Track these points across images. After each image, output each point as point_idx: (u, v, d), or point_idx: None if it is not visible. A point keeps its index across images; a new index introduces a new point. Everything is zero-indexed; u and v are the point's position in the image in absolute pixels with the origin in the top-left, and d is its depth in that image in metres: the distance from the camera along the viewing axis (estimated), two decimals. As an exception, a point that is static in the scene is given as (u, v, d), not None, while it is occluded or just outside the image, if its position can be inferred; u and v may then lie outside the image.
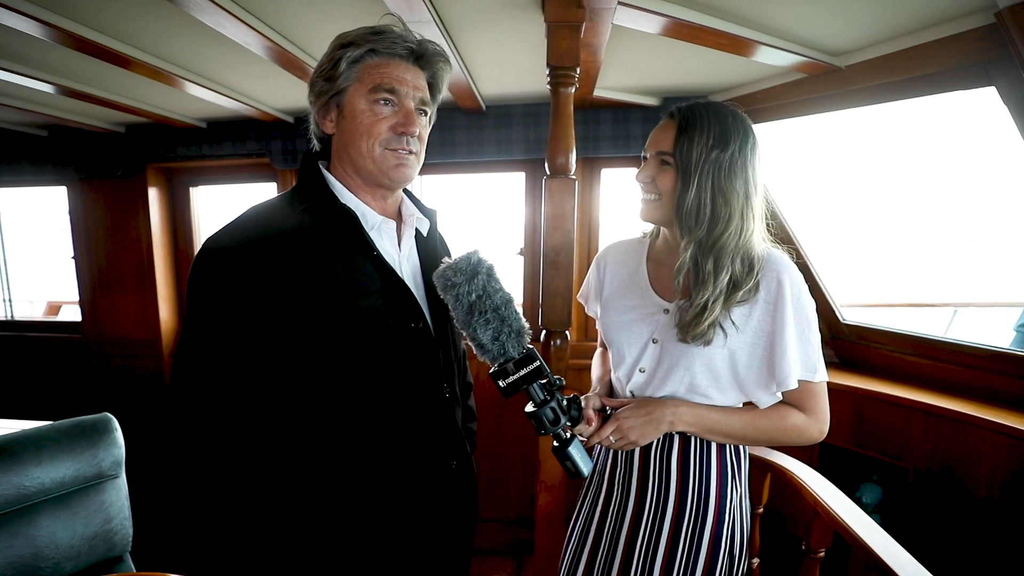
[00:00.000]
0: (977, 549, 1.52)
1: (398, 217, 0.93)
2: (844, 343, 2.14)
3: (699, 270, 0.90)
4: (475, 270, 0.78)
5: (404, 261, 0.91)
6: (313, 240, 0.80)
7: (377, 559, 0.85)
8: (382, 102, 0.81)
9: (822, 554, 1.16)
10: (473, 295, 0.78)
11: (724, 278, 0.88)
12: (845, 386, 1.89)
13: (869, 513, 1.82)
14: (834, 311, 2.13)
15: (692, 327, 0.89)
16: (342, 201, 0.84)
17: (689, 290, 0.93)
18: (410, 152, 0.85)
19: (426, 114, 0.88)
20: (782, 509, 1.94)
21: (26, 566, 1.25)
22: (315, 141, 0.90)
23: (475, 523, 1.04)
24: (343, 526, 0.83)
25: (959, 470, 1.59)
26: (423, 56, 0.85)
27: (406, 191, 0.97)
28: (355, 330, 0.80)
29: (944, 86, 1.50)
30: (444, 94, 0.92)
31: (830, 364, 2.14)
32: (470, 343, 0.83)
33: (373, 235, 0.86)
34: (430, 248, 0.96)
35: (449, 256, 1.03)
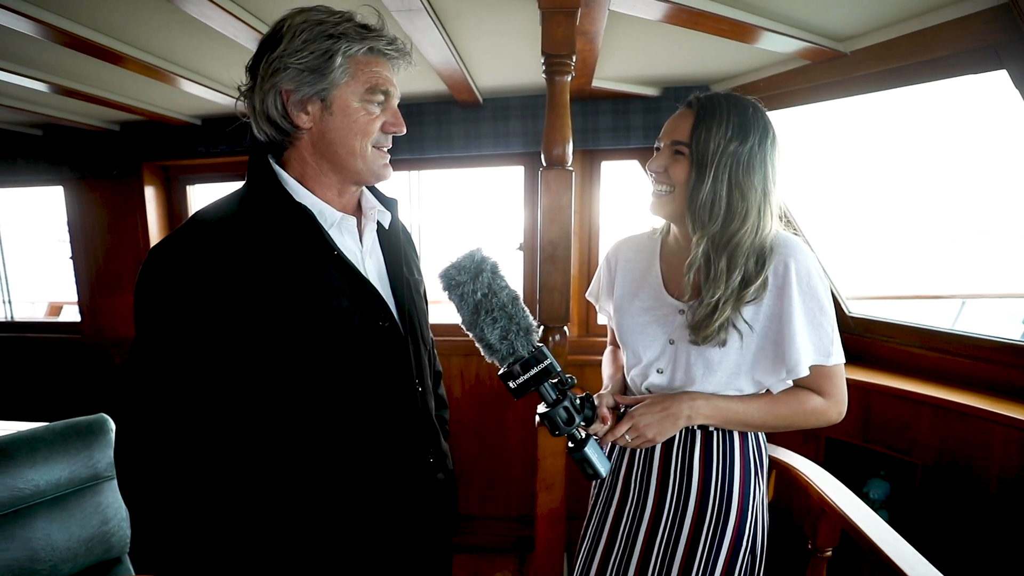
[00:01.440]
0: (989, 546, 1.49)
1: (357, 211, 0.90)
2: (850, 336, 2.11)
3: (711, 267, 0.87)
4: (479, 268, 0.76)
5: (367, 257, 0.88)
6: (267, 240, 0.76)
7: (356, 556, 0.84)
8: (375, 103, 0.80)
9: (829, 553, 1.13)
10: (479, 293, 0.76)
11: (736, 277, 0.86)
12: (851, 380, 1.84)
13: (876, 509, 1.79)
14: (840, 304, 2.10)
15: (703, 328, 0.87)
16: (297, 199, 0.80)
17: (699, 287, 0.90)
18: (389, 150, 0.84)
19: None
20: (787, 502, 1.91)
21: (22, 569, 1.24)
22: (264, 131, 0.80)
23: (456, 514, 1.03)
24: (320, 526, 0.81)
25: (969, 465, 1.56)
26: (401, 56, 0.83)
27: None
28: (321, 332, 0.77)
29: (953, 70, 1.45)
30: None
31: (836, 357, 2.12)
32: (477, 344, 0.80)
33: (333, 233, 0.82)
34: (392, 240, 0.92)
35: (413, 247, 1.02)
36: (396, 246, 0.92)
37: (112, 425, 1.44)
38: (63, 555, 1.31)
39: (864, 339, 2.06)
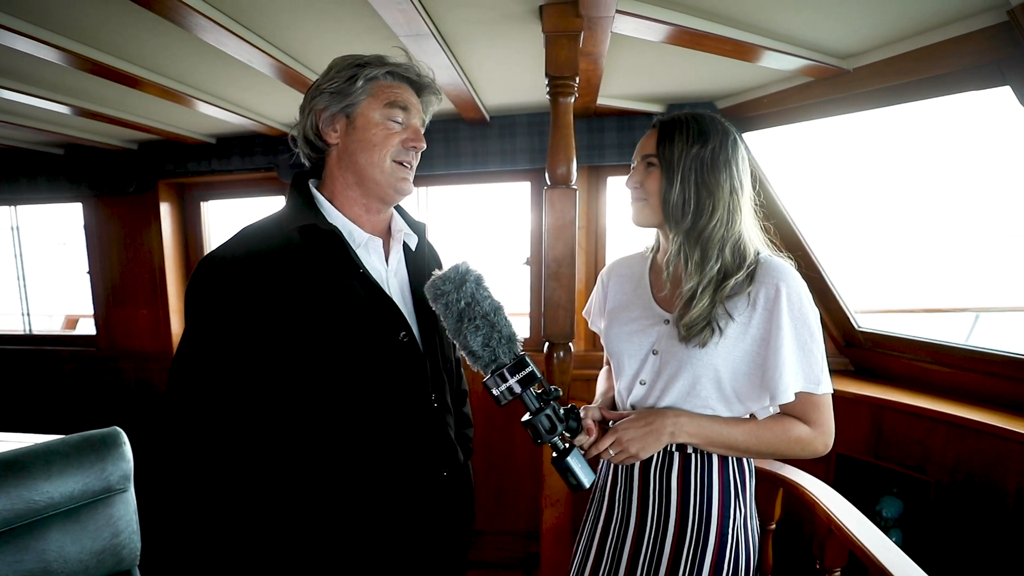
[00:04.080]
0: (1005, 566, 1.46)
1: (387, 233, 0.95)
2: (860, 351, 2.09)
3: (687, 260, 0.91)
4: (463, 278, 0.79)
5: (392, 276, 0.93)
6: (301, 258, 0.83)
7: (369, 567, 0.86)
8: (394, 119, 0.87)
9: (838, 573, 1.11)
10: (462, 302, 0.79)
11: (713, 267, 0.89)
12: (861, 396, 1.83)
13: (889, 528, 1.76)
14: (848, 318, 2.08)
15: (682, 317, 0.90)
16: (329, 220, 0.87)
17: (680, 283, 0.93)
18: (412, 167, 0.91)
19: None
20: (797, 521, 1.88)
21: (35, 581, 1.26)
22: (303, 151, 0.92)
23: (471, 531, 1.05)
24: (335, 534, 0.84)
25: (984, 483, 1.53)
26: (425, 87, 0.92)
27: (397, 207, 1.00)
28: (342, 343, 0.82)
29: (956, 87, 1.46)
30: (427, 124, 0.98)
31: (846, 373, 2.10)
32: (462, 352, 0.83)
33: (360, 252, 0.88)
34: (419, 262, 0.98)
35: (440, 266, 1.05)
36: (422, 267, 0.97)
37: (125, 439, 1.46)
38: (75, 567, 1.32)
39: (874, 353, 2.04)
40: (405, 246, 0.98)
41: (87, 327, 4.10)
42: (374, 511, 0.85)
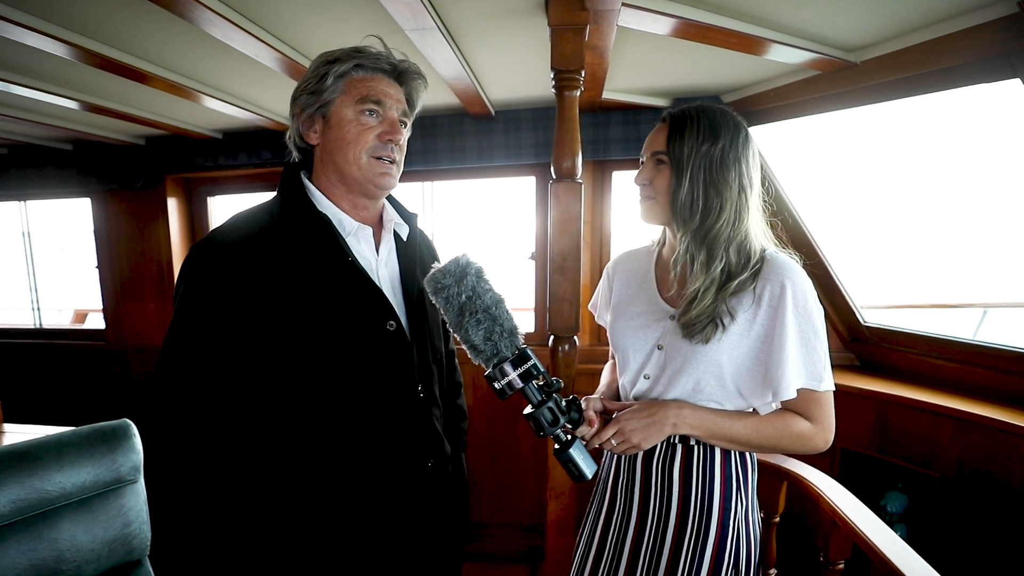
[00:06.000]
0: (1011, 560, 1.46)
1: (378, 223, 0.96)
2: (866, 346, 2.08)
3: (693, 260, 0.91)
4: (464, 272, 0.79)
5: (382, 266, 0.93)
6: (290, 245, 0.84)
7: (351, 556, 0.86)
8: (367, 112, 0.86)
9: (841, 566, 1.12)
10: (463, 296, 0.79)
11: (717, 267, 0.89)
12: (867, 390, 1.83)
13: (894, 522, 1.76)
14: (854, 313, 2.07)
15: (685, 314, 0.91)
16: (319, 208, 0.88)
17: (685, 283, 0.93)
18: (393, 161, 0.89)
19: (405, 125, 0.93)
20: (801, 514, 1.88)
21: (49, 569, 1.28)
22: (295, 153, 0.93)
23: (464, 522, 1.06)
24: (317, 521, 0.85)
25: (990, 479, 1.52)
26: (403, 73, 0.91)
27: (390, 197, 1.00)
28: (328, 330, 0.83)
29: (965, 79, 1.45)
30: (418, 109, 0.97)
31: (851, 368, 2.10)
32: (464, 346, 0.83)
33: (350, 241, 0.89)
34: (410, 252, 0.97)
35: (434, 255, 1.06)
36: (412, 257, 0.97)
37: (135, 430, 1.48)
38: (87, 556, 1.34)
39: (880, 348, 2.03)
40: (397, 236, 0.97)
41: (95, 321, 4.14)
42: (357, 499, 0.86)
